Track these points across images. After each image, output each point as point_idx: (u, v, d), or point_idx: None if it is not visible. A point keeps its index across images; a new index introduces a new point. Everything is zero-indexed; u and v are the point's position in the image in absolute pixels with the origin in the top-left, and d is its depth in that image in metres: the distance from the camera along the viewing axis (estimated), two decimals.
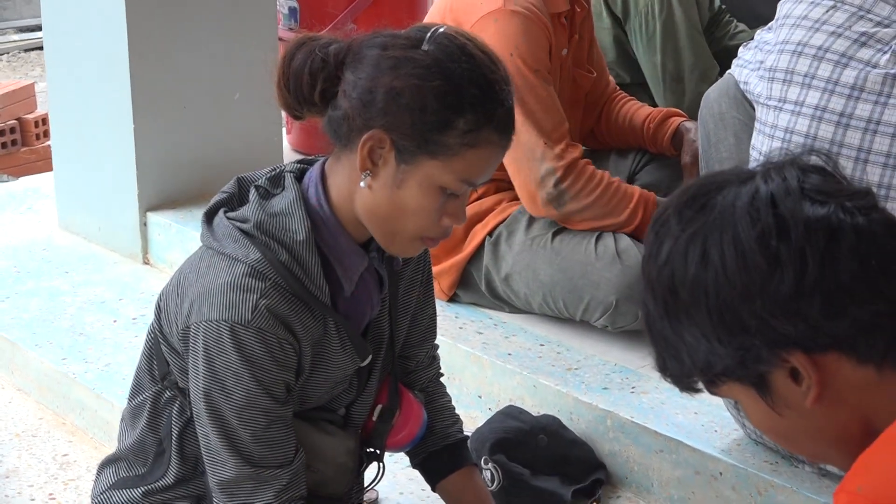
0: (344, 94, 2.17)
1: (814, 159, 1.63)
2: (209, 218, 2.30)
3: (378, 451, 2.52)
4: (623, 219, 3.37)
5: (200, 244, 2.31)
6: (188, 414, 2.33)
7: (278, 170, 2.32)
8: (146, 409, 2.40)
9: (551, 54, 3.43)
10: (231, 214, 2.26)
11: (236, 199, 2.32)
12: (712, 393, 1.67)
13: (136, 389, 2.44)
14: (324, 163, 2.29)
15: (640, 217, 3.37)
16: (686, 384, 1.68)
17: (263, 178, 2.31)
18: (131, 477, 2.43)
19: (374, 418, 2.48)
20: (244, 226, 2.22)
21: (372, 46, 2.17)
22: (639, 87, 4.43)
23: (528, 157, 3.33)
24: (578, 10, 3.57)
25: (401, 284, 2.45)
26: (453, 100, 2.12)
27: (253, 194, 2.27)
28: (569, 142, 3.38)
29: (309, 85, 2.19)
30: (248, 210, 2.25)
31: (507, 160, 3.36)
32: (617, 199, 3.37)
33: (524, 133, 3.31)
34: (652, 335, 1.66)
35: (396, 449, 2.57)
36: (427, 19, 3.39)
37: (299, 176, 2.30)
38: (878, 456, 1.49)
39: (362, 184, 2.19)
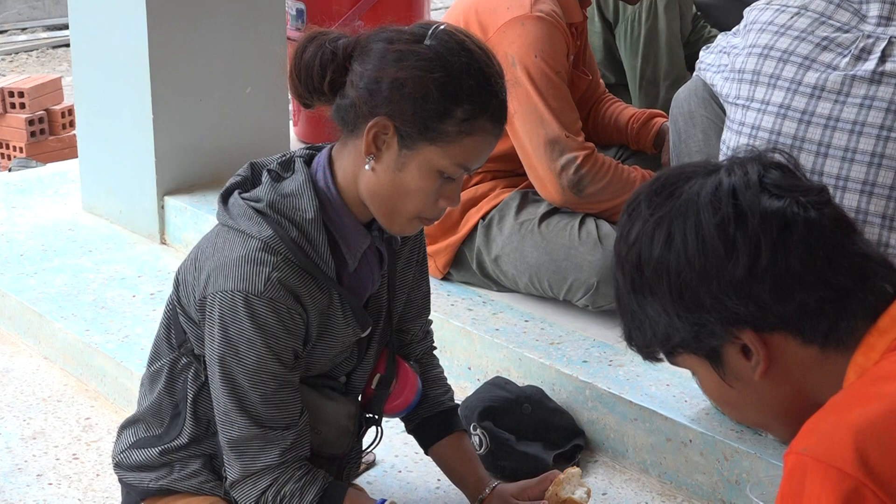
0: (351, 84, 2.18)
1: (777, 157, 1.65)
2: (225, 198, 2.30)
3: (376, 417, 2.53)
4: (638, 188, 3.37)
5: (215, 224, 2.32)
6: (202, 379, 2.34)
7: (289, 155, 2.32)
8: (164, 374, 2.40)
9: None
10: (245, 195, 2.26)
11: (249, 182, 2.32)
12: (672, 363, 1.70)
13: (155, 356, 2.44)
14: (331, 149, 2.29)
15: None
16: (648, 354, 1.71)
17: (275, 162, 2.31)
18: (149, 437, 2.44)
19: (373, 386, 2.48)
20: (257, 205, 2.22)
21: (378, 41, 2.17)
22: (622, 88, 4.44)
23: (548, 148, 3.31)
24: (581, 19, 3.57)
25: (399, 263, 2.46)
26: (452, 90, 2.13)
27: (265, 177, 2.27)
28: (584, 135, 3.39)
29: (319, 75, 2.19)
30: (261, 191, 2.25)
31: (524, 154, 3.37)
32: (626, 176, 3.38)
33: (546, 127, 3.31)
34: (620, 308, 1.70)
35: (393, 415, 2.57)
36: (446, 18, 3.38)
37: (308, 161, 2.30)
38: (822, 420, 1.52)
39: (367, 166, 2.20)
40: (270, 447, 2.25)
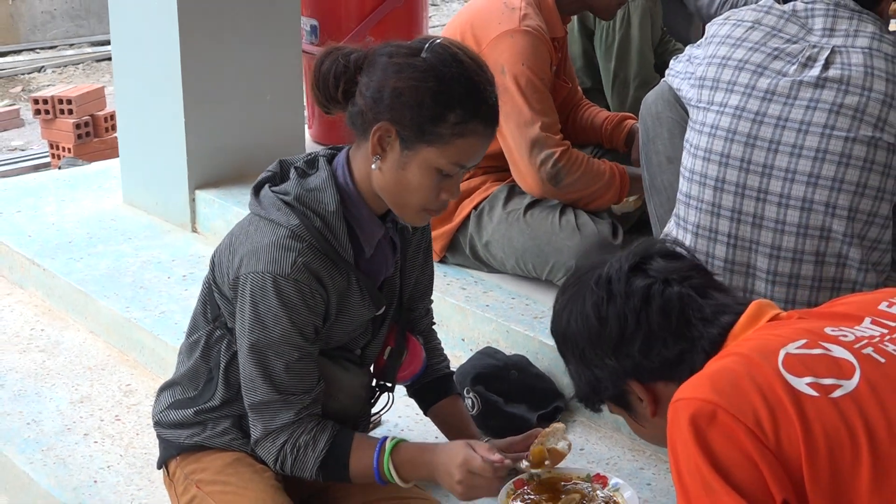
0: (360, 94, 2.16)
1: (671, 247, 1.92)
2: (256, 191, 2.28)
3: (388, 385, 2.51)
4: (607, 177, 3.39)
5: (242, 213, 2.30)
6: (234, 349, 2.32)
7: (313, 155, 2.31)
8: (200, 344, 2.38)
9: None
10: (275, 189, 2.25)
11: (278, 177, 2.31)
12: (610, 411, 1.96)
13: (193, 329, 2.42)
14: (349, 149, 2.28)
15: (616, 172, 3.40)
16: (587, 404, 1.97)
17: (301, 160, 2.30)
18: (185, 399, 2.41)
19: (385, 357, 2.46)
20: (286, 198, 2.21)
21: (382, 54, 2.16)
22: (597, 92, 4.41)
23: (531, 146, 3.30)
24: (563, 34, 3.56)
25: (409, 250, 2.44)
26: (445, 98, 2.11)
27: (293, 173, 2.26)
28: (561, 134, 3.38)
29: (333, 86, 2.18)
30: (289, 186, 2.24)
31: (509, 151, 3.35)
32: (597, 168, 3.38)
33: (530, 128, 3.30)
34: (567, 369, 1.98)
35: (401, 383, 2.55)
36: (444, 32, 3.37)
37: (330, 160, 2.28)
38: (689, 380, 1.71)
39: (374, 166, 2.19)
40: (288, 409, 2.23)
